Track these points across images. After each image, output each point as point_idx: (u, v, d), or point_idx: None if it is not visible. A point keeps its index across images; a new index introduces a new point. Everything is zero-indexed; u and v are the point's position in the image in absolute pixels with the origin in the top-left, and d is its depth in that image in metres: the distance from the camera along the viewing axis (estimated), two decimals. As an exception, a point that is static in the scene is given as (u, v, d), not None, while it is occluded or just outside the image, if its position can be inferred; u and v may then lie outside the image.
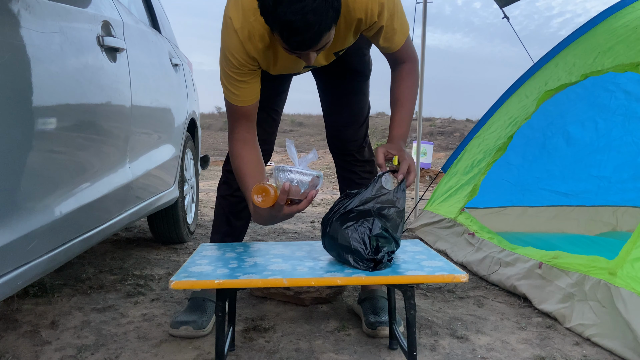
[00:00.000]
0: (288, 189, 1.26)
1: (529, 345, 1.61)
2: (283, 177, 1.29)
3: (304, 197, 1.30)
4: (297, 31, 1.16)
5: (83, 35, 1.55)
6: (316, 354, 1.52)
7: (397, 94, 1.55)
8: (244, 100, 1.49)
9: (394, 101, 1.55)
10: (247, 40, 1.39)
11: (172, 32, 3.16)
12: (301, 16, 1.13)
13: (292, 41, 1.19)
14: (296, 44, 1.20)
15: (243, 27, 1.37)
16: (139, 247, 2.87)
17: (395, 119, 1.54)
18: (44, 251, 1.32)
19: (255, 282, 1.21)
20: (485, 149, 3.00)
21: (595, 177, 3.36)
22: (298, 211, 1.33)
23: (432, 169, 8.55)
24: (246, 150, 1.52)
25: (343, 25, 1.42)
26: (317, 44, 1.22)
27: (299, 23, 1.14)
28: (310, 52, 1.27)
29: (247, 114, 1.52)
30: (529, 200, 3.34)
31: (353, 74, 1.75)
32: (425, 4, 3.68)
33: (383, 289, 1.80)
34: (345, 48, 1.57)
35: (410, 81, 1.56)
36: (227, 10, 1.40)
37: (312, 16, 1.14)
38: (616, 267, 1.63)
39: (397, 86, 1.56)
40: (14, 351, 1.49)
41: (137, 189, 2.03)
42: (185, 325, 1.60)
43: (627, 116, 3.24)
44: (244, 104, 1.50)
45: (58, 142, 1.38)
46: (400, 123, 1.53)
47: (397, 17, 1.44)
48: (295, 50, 1.24)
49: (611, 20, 2.67)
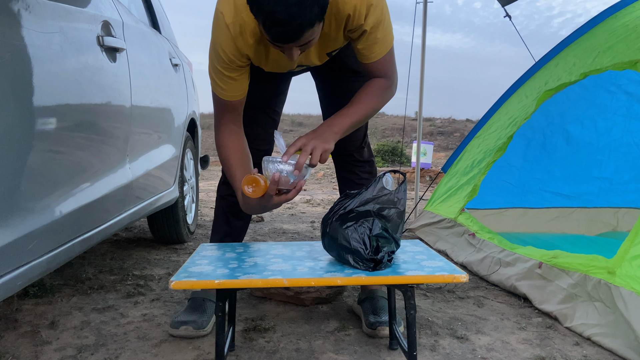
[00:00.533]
0: (278, 179, 1.30)
1: (529, 345, 1.61)
2: (272, 168, 1.32)
3: (293, 187, 1.33)
4: (279, 22, 1.16)
5: (83, 35, 1.55)
6: (316, 354, 1.52)
7: (356, 95, 1.50)
8: (230, 95, 1.50)
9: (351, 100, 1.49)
10: (238, 36, 1.39)
11: (172, 32, 3.16)
12: (284, 7, 1.14)
13: (273, 32, 1.20)
14: (277, 35, 1.20)
15: (234, 22, 1.37)
16: (139, 247, 2.87)
17: (340, 111, 1.46)
18: (44, 251, 1.32)
19: (255, 282, 1.21)
20: (485, 149, 2.99)
21: (596, 178, 3.35)
22: (287, 200, 1.36)
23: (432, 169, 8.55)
24: (232, 140, 1.53)
25: (334, 25, 1.41)
26: (298, 39, 1.22)
27: (282, 14, 1.15)
28: (293, 48, 1.27)
29: (233, 108, 1.53)
30: (529, 202, 3.34)
31: (352, 74, 1.75)
32: (425, 4, 3.68)
33: (383, 289, 1.80)
34: (338, 49, 1.57)
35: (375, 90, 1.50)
36: (219, 4, 1.40)
37: (295, 9, 1.14)
38: (615, 266, 1.64)
39: (360, 90, 1.50)
40: (14, 351, 1.49)
41: (137, 189, 2.03)
42: (185, 325, 1.60)
43: (627, 117, 3.24)
44: (231, 98, 1.51)
45: (58, 142, 1.38)
46: (343, 115, 1.45)
47: (382, 27, 1.42)
48: (277, 42, 1.24)
49: (611, 21, 2.67)
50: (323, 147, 1.36)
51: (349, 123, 1.45)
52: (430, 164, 8.86)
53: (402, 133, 17.96)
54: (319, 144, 1.35)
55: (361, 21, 1.39)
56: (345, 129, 1.44)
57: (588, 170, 3.35)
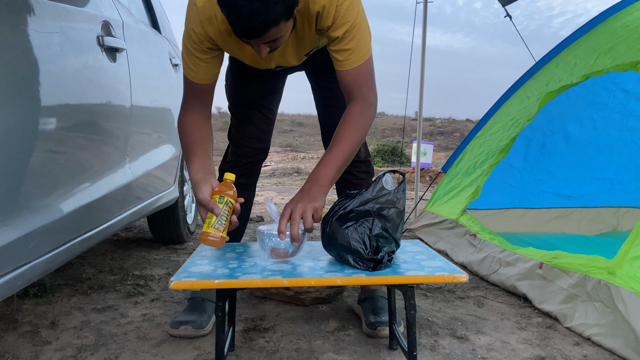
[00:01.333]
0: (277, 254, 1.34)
1: (529, 345, 1.61)
2: (269, 244, 1.33)
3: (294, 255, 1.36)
4: (242, 17, 1.16)
5: (83, 35, 1.55)
6: (316, 354, 1.52)
7: (335, 133, 1.43)
8: (199, 78, 1.49)
9: (332, 140, 1.43)
10: (206, 21, 1.39)
11: (172, 32, 3.16)
12: (248, 2, 1.13)
13: (236, 27, 1.20)
14: (240, 30, 1.20)
15: (205, 7, 1.37)
16: (139, 247, 2.87)
17: (322, 159, 1.41)
18: (44, 251, 1.32)
19: (255, 282, 1.21)
20: (487, 151, 2.99)
21: (597, 179, 3.35)
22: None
23: (432, 169, 8.55)
24: (195, 120, 1.51)
25: (307, 25, 1.41)
26: (261, 35, 1.21)
27: (245, 9, 1.14)
28: (260, 45, 1.27)
29: (201, 91, 1.52)
30: (530, 202, 3.34)
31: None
32: (425, 4, 3.69)
33: (383, 289, 1.80)
34: (315, 48, 1.55)
35: (352, 122, 1.42)
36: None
37: (259, 4, 1.14)
38: (615, 267, 1.64)
39: (338, 126, 1.43)
40: (14, 351, 1.49)
41: (137, 189, 2.02)
42: (185, 325, 1.60)
43: (625, 114, 3.24)
44: (199, 81, 1.50)
45: (58, 142, 1.38)
46: (326, 163, 1.39)
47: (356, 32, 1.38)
48: (241, 37, 1.23)
49: (612, 21, 2.67)
50: (313, 207, 1.31)
51: (334, 170, 1.39)
52: (430, 164, 8.87)
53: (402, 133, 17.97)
54: (307, 205, 1.31)
55: (329, 22, 1.36)
56: (332, 177, 1.38)
57: (590, 171, 3.35)
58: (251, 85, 1.76)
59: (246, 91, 1.77)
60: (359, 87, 1.44)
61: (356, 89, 1.44)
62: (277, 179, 7.76)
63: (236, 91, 1.79)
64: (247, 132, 1.78)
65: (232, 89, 1.80)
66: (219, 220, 1.29)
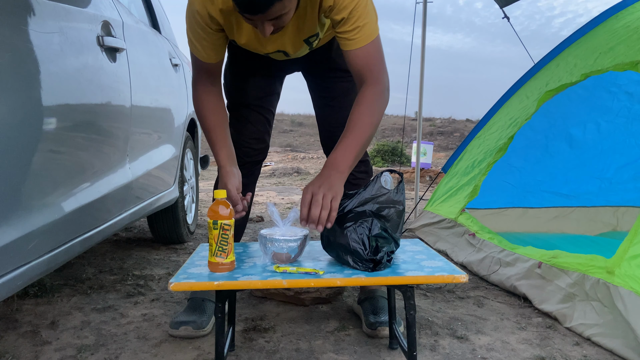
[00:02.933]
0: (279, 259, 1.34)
1: (529, 345, 1.61)
2: (271, 248, 1.33)
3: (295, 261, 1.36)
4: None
5: (83, 35, 1.55)
6: (316, 354, 1.52)
7: (350, 118, 1.39)
8: (206, 56, 1.51)
9: (346, 125, 1.40)
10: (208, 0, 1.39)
11: (172, 32, 3.16)
12: None
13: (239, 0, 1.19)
14: (244, 4, 1.19)
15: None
16: (139, 247, 2.87)
17: (339, 144, 1.37)
18: (44, 251, 1.32)
19: (254, 283, 1.21)
20: (485, 150, 2.99)
21: (597, 178, 3.35)
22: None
23: (432, 169, 8.54)
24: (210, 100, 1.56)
25: (309, 7, 1.41)
26: (266, 10, 1.20)
27: None
28: (265, 22, 1.26)
29: (210, 70, 1.55)
30: (529, 202, 3.34)
31: (342, 73, 1.74)
32: (425, 4, 3.68)
33: (383, 289, 1.80)
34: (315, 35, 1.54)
35: (367, 104, 1.39)
36: None
37: None
38: (614, 266, 1.64)
39: (352, 110, 1.40)
40: (14, 351, 1.49)
41: (137, 189, 2.03)
42: (185, 326, 1.60)
43: (629, 118, 3.23)
44: (206, 59, 1.52)
45: (58, 142, 1.38)
46: (343, 148, 1.35)
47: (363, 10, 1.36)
48: (245, 12, 1.22)
49: (612, 21, 2.67)
50: (332, 195, 1.29)
51: (352, 156, 1.35)
52: (430, 164, 8.86)
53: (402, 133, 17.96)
54: (327, 192, 1.28)
55: (330, 1, 1.36)
56: (350, 164, 1.35)
57: (590, 172, 3.35)
58: (250, 86, 1.76)
59: (245, 91, 1.78)
60: (370, 68, 1.42)
61: (367, 71, 1.42)
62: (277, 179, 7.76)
63: (235, 90, 1.80)
64: (246, 132, 1.78)
65: (231, 88, 1.80)
66: (219, 247, 1.26)
